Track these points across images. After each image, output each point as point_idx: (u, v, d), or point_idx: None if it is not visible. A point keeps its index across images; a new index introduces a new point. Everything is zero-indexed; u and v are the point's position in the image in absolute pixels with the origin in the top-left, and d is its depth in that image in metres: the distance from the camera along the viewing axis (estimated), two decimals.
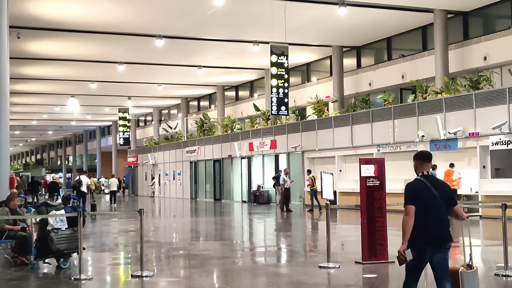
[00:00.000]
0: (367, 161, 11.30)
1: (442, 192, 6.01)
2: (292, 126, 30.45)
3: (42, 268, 11.22)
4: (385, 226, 11.03)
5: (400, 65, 28.61)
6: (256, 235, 14.55)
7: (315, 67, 35.67)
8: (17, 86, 39.57)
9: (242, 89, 43.38)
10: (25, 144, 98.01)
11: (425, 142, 22.47)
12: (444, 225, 5.99)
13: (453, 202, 6.15)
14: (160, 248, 14.44)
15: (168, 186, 45.35)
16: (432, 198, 5.96)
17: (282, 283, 9.81)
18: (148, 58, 33.05)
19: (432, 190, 5.98)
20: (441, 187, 6.06)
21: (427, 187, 6.00)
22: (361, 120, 25.75)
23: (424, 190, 6.00)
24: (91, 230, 18.60)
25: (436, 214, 5.95)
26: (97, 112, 57.32)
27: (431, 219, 5.93)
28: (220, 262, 12.28)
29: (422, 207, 5.95)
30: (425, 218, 5.93)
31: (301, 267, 11.18)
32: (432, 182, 6.03)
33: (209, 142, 38.68)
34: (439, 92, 23.03)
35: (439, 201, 5.96)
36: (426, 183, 6.02)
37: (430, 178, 6.08)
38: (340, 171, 27.12)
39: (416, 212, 5.98)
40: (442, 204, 5.98)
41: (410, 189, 6.14)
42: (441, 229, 5.96)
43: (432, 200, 5.95)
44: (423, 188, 6.01)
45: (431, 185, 6.00)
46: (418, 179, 6.18)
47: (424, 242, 5.93)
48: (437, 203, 5.96)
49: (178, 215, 28.06)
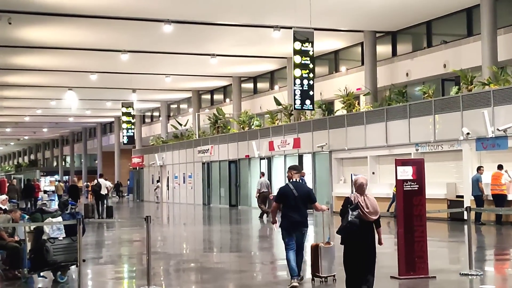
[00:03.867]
0: (404, 162, 11.27)
1: (301, 193, 10.41)
2: (318, 123, 30.40)
3: (36, 283, 11.31)
4: (425, 236, 10.99)
5: (442, 53, 28.44)
6: (277, 246, 14.57)
7: (344, 55, 35.55)
8: (7, 78, 39.92)
9: (261, 80, 43.35)
10: (17, 143, 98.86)
11: (470, 140, 22.33)
12: (302, 215, 10.37)
13: (312, 201, 10.53)
14: (169, 260, 14.50)
15: (178, 191, 45.50)
16: (293, 198, 10.34)
17: None
18: (155, 46, 33.15)
19: (294, 192, 10.36)
20: (301, 190, 10.48)
21: (291, 190, 10.40)
22: (397, 115, 25.64)
23: (289, 192, 10.41)
24: (91, 239, 18.72)
25: (294, 208, 10.34)
26: (97, 107, 57.60)
27: (293, 211, 10.33)
28: (236, 276, 12.30)
29: (286, 204, 10.39)
30: (288, 213, 10.36)
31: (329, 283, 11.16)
32: (295, 186, 10.47)
33: (224, 141, 38.74)
34: (487, 83, 22.86)
35: (298, 200, 10.34)
36: (291, 187, 10.45)
37: (295, 184, 10.54)
38: (373, 174, 27.03)
39: (283, 207, 10.44)
40: (301, 203, 10.37)
41: (279, 191, 10.77)
42: (299, 218, 10.34)
43: (294, 199, 10.33)
44: (288, 191, 10.44)
45: (294, 188, 10.41)
46: (287, 184, 10.66)
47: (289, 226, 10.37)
48: (297, 201, 10.33)
49: (189, 223, 28.15)
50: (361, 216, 8.96)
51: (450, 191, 23.20)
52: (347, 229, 8.98)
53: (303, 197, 10.34)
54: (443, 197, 23.03)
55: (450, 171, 24.01)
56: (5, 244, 11.88)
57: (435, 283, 10.62)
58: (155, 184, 48.54)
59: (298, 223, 10.28)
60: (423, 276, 10.82)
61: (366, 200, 9.04)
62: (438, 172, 23.73)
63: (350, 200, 9.10)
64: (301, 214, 10.32)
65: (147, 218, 10.43)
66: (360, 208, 8.97)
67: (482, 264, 13.05)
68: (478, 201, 21.10)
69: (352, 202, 9.06)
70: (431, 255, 11.38)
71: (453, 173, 23.86)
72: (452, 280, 10.96)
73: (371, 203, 9.06)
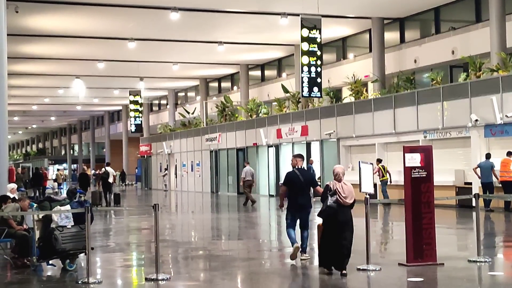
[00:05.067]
0: (412, 149, 11.26)
1: (306, 178, 11.67)
2: (326, 110, 30.37)
3: (45, 271, 11.37)
4: (433, 223, 11.00)
5: (450, 39, 28.33)
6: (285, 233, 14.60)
7: (352, 42, 35.46)
8: (15, 67, 39.97)
9: (269, 68, 43.31)
10: (25, 131, 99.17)
11: (478, 127, 22.27)
12: (306, 197, 11.70)
13: (315, 185, 11.86)
14: (177, 248, 14.55)
15: (186, 179, 45.58)
16: (298, 182, 11.57)
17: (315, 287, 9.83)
18: (162, 33, 33.14)
19: (300, 177, 11.61)
20: (306, 176, 11.75)
21: (297, 175, 11.64)
22: (405, 102, 25.58)
23: (295, 177, 11.64)
24: (99, 228, 18.80)
25: (300, 192, 11.60)
26: (105, 95, 57.70)
27: (299, 194, 11.59)
28: (244, 264, 12.34)
29: (293, 187, 11.63)
30: (294, 195, 11.61)
31: None
32: (301, 173, 11.73)
33: (232, 129, 38.75)
34: (495, 70, 22.77)
35: (304, 184, 11.59)
36: (297, 173, 11.70)
37: (300, 170, 11.81)
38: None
39: (290, 190, 11.68)
40: (305, 187, 11.63)
41: (286, 176, 11.92)
42: (304, 200, 11.65)
43: (298, 184, 11.57)
44: (294, 176, 11.67)
45: (299, 174, 11.67)
46: (293, 170, 11.84)
47: (295, 208, 11.66)
48: (302, 185, 11.59)
49: (197, 211, 28.21)
50: (339, 201, 10.36)
51: (458, 178, 23.18)
52: (326, 212, 10.47)
53: (307, 182, 11.68)
54: (451, 184, 23.01)
55: (459, 158, 23.98)
56: (14, 232, 11.95)
57: (443, 270, 10.63)
58: (163, 171, 48.59)
59: (303, 205, 11.66)
60: (431, 263, 10.83)
61: (343, 187, 10.44)
62: (446, 159, 23.70)
63: (329, 187, 10.51)
64: (306, 197, 11.72)
65: (155, 206, 10.46)
66: (337, 194, 10.36)
67: (490, 251, 13.04)
68: (490, 188, 21.04)
69: (331, 188, 10.47)
70: (439, 242, 11.38)
71: (461, 160, 23.82)
72: (460, 267, 10.96)
73: (347, 189, 10.45)
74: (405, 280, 10.11)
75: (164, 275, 10.32)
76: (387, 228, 18.89)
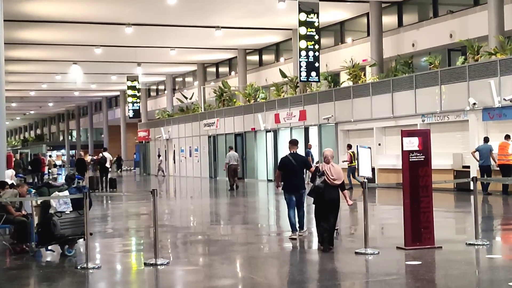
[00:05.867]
0: (410, 133, 11.27)
1: (298, 162, 12.54)
2: (324, 95, 30.34)
3: (44, 256, 11.40)
4: (431, 206, 11.02)
5: (448, 23, 28.26)
6: (283, 218, 14.65)
7: (350, 26, 35.36)
8: (13, 53, 39.84)
9: (266, 52, 43.21)
10: (23, 117, 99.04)
11: (476, 110, 22.27)
12: (299, 179, 12.62)
13: (308, 167, 12.68)
14: (176, 233, 14.58)
15: (184, 164, 45.61)
16: (292, 166, 12.48)
17: (313, 271, 9.87)
18: (159, 18, 33.03)
19: (293, 161, 12.49)
20: (298, 159, 12.62)
21: (290, 160, 12.54)
22: (403, 86, 25.56)
23: (288, 162, 12.55)
24: (98, 213, 18.83)
25: (293, 174, 12.52)
26: (102, 81, 57.60)
27: (292, 177, 12.53)
28: (243, 248, 12.37)
29: (286, 171, 12.58)
30: (288, 178, 12.56)
31: (335, 254, 11.22)
32: (293, 157, 12.60)
33: (230, 114, 38.73)
34: (493, 53, 22.74)
35: (297, 168, 12.50)
36: (290, 157, 12.59)
37: (293, 155, 12.67)
38: (379, 145, 27.03)
39: (284, 173, 12.63)
40: (299, 170, 12.56)
41: (280, 161, 13.02)
42: (297, 182, 12.54)
43: (292, 168, 12.48)
44: (287, 161, 12.60)
45: (292, 158, 12.55)
46: (287, 155, 12.75)
47: (289, 188, 12.59)
48: (295, 168, 12.48)
49: (195, 196, 28.26)
50: (326, 181, 11.12)
51: (456, 161, 23.20)
52: (314, 191, 11.26)
53: (300, 165, 12.61)
54: (450, 167, 23.03)
55: (457, 142, 23.99)
56: (13, 218, 11.97)
57: (441, 253, 10.66)
58: (158, 160, 48.44)
59: (297, 186, 12.58)
60: (429, 246, 10.86)
61: (331, 169, 11.19)
62: (444, 142, 23.72)
63: (319, 169, 11.30)
64: (299, 179, 12.65)
65: (153, 191, 10.47)
66: (325, 175, 11.10)
67: (488, 234, 13.08)
68: (488, 171, 21.07)
69: (319, 170, 11.25)
70: (437, 225, 11.42)
71: (459, 144, 23.84)
72: (458, 250, 11.00)
73: (335, 171, 11.20)
74: (403, 263, 10.14)
75: (163, 260, 10.34)
76: (384, 212, 18.92)
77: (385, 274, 9.33)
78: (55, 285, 9.32)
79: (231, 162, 28.17)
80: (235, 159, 28.43)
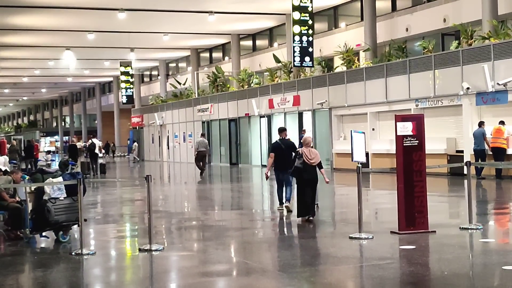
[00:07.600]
0: (404, 118, 11.26)
1: (286, 146, 14.53)
2: (318, 80, 30.32)
3: (39, 242, 11.39)
4: (425, 191, 11.04)
5: (442, 7, 28.23)
6: (278, 203, 14.72)
7: (344, 11, 35.29)
8: (4, 38, 39.69)
9: (260, 38, 43.11)
10: (16, 104, 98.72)
11: (470, 95, 22.30)
12: (287, 162, 14.00)
13: (294, 150, 14.18)
14: (170, 219, 14.60)
15: (178, 150, 45.59)
16: (281, 150, 14.50)
17: (308, 256, 9.89)
18: (152, 4, 32.90)
19: (282, 146, 14.54)
20: (286, 144, 14.66)
21: (280, 144, 14.64)
22: (397, 71, 25.57)
23: (278, 146, 14.65)
24: (92, 199, 18.81)
25: (282, 156, 14.42)
26: (96, 66, 57.42)
27: (281, 159, 14.41)
28: (238, 233, 12.40)
29: (277, 155, 14.51)
30: (278, 160, 14.49)
31: (330, 239, 11.25)
32: (282, 142, 14.71)
33: (223, 99, 38.69)
34: (487, 38, 22.74)
35: (285, 151, 14.41)
36: (279, 142, 14.75)
37: (282, 140, 14.81)
38: (373, 130, 27.07)
39: (275, 156, 14.55)
40: (287, 152, 14.35)
41: (271, 145, 15.63)
42: (285, 163, 14.08)
43: (281, 151, 14.49)
44: (277, 145, 14.72)
45: (281, 143, 14.64)
46: (277, 140, 15.03)
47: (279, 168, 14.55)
48: (284, 151, 14.45)
49: (189, 182, 28.26)
50: (305, 162, 12.96)
51: (450, 146, 23.25)
52: (295, 171, 13.17)
53: (287, 148, 14.55)
54: (443, 152, 23.08)
55: (450, 126, 24.03)
56: (7, 205, 11.93)
57: (435, 237, 10.70)
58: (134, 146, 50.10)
59: (285, 165, 14.23)
60: (423, 230, 10.89)
61: (310, 151, 13.11)
62: (438, 127, 23.76)
63: (299, 152, 13.24)
64: (287, 160, 14.18)
65: (147, 177, 10.46)
66: (304, 157, 12.97)
67: (482, 218, 13.13)
68: (482, 155, 21.13)
69: (299, 153, 13.21)
70: (431, 210, 11.45)
71: (453, 128, 23.88)
72: (452, 235, 11.04)
73: (312, 152, 13.13)
74: (397, 247, 10.17)
75: (157, 245, 10.35)
76: (378, 197, 18.96)
77: (379, 259, 9.35)
78: (49, 271, 9.31)
79: (200, 149, 28.57)
80: (204, 145, 28.86)
